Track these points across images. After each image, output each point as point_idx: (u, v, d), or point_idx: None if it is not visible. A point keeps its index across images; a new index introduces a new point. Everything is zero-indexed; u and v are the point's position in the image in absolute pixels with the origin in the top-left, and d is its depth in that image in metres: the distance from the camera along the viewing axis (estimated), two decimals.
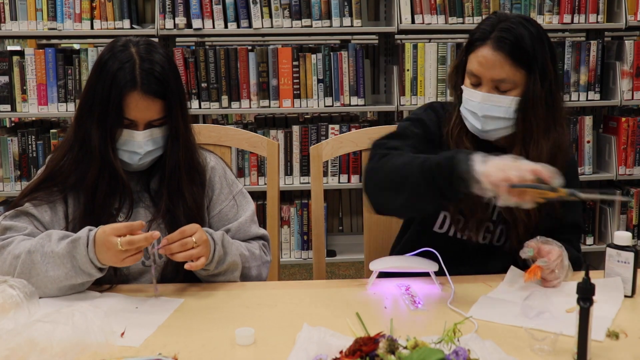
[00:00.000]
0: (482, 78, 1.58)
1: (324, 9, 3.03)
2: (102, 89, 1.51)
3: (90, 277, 1.46)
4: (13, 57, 3.02)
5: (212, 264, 1.53)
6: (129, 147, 1.54)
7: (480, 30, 1.61)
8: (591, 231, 3.32)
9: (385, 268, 1.60)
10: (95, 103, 1.53)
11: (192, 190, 1.63)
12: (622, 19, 3.13)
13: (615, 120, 3.28)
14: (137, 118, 1.52)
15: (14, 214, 1.57)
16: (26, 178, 3.07)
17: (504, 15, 1.62)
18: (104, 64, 1.53)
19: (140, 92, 1.50)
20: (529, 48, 1.56)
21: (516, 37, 1.55)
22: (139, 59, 1.52)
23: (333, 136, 2.95)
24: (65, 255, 1.44)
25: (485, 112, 1.59)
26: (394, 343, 1.11)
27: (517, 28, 1.56)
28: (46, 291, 1.46)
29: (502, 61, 1.56)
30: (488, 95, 1.58)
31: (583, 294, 1.17)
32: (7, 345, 1.12)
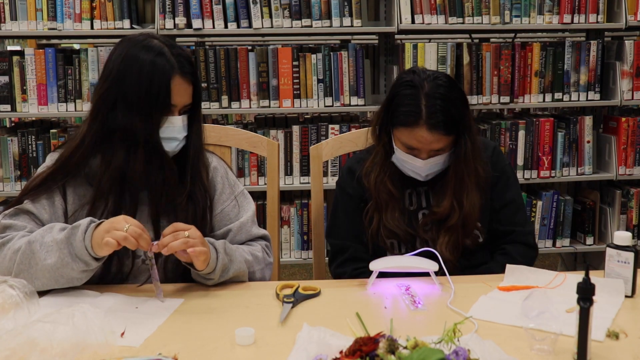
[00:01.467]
0: (420, 149, 1.71)
1: (324, 9, 3.02)
2: (140, 79, 1.51)
3: (86, 265, 1.44)
4: (13, 57, 3.02)
5: (216, 272, 1.52)
6: (170, 134, 1.56)
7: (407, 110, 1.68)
8: (591, 231, 3.32)
9: (385, 268, 1.60)
10: (133, 94, 1.52)
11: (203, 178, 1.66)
12: (622, 19, 3.13)
13: (615, 120, 3.28)
14: (179, 102, 1.56)
15: (13, 213, 1.58)
16: (26, 178, 3.07)
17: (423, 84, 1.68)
18: (134, 56, 1.53)
19: (181, 74, 1.54)
20: (457, 117, 1.70)
21: (445, 114, 1.67)
22: (167, 46, 1.56)
23: (333, 136, 2.95)
24: (63, 241, 1.44)
25: (428, 172, 1.75)
26: (394, 343, 1.11)
27: (444, 105, 1.67)
28: (44, 281, 1.46)
29: (438, 138, 1.68)
30: (429, 160, 1.72)
31: (583, 294, 1.17)
32: (7, 345, 1.12)
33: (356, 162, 1.89)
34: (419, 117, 1.66)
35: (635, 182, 3.39)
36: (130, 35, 1.62)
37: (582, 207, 3.32)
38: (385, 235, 1.78)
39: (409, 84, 1.70)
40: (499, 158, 1.86)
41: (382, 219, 1.78)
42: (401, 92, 1.71)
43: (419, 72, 1.73)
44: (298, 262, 3.26)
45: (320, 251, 2.06)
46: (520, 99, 3.16)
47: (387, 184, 1.78)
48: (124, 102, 1.52)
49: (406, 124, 1.68)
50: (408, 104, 1.68)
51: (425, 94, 1.67)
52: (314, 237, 2.05)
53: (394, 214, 1.78)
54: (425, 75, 1.71)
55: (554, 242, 3.29)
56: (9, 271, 1.47)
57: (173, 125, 1.56)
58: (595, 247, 3.33)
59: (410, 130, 1.68)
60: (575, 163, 3.23)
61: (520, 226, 1.84)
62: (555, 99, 3.17)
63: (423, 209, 1.82)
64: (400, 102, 1.70)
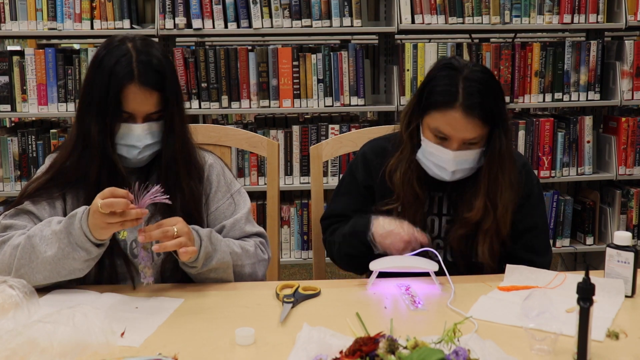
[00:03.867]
0: (452, 138, 1.61)
1: (324, 9, 3.02)
2: (100, 84, 1.52)
3: (87, 253, 1.43)
4: (13, 57, 3.02)
5: (199, 260, 1.51)
6: (128, 141, 1.54)
7: (444, 89, 1.61)
8: (591, 231, 3.32)
9: (385, 268, 1.60)
10: (93, 98, 1.53)
11: (190, 184, 1.63)
12: (622, 19, 3.13)
13: (615, 120, 3.28)
14: (135, 111, 1.52)
15: (13, 213, 1.58)
16: (26, 178, 3.07)
17: (462, 69, 1.62)
18: (101, 60, 1.54)
19: (138, 83, 1.50)
20: (494, 107, 1.61)
21: (483, 98, 1.59)
22: (136, 52, 1.53)
23: (333, 136, 2.95)
24: (62, 231, 1.43)
25: (456, 167, 1.64)
26: (394, 343, 1.11)
27: (483, 89, 1.60)
28: (46, 274, 1.45)
29: (473, 124, 1.59)
30: (459, 153, 1.62)
31: (583, 294, 1.17)
32: (7, 346, 1.12)
33: (373, 150, 1.81)
34: (455, 99, 1.57)
35: (635, 182, 3.39)
36: (113, 35, 1.61)
37: (582, 207, 3.32)
38: None
39: (448, 65, 1.63)
40: (529, 177, 1.76)
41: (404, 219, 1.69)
42: (438, 74, 1.63)
43: (459, 59, 1.66)
44: (298, 262, 3.26)
45: (320, 251, 2.06)
46: (520, 99, 3.16)
47: (413, 184, 1.70)
48: (87, 107, 1.54)
49: (441, 105, 1.59)
50: (445, 84, 1.60)
51: (464, 77, 1.59)
52: (314, 237, 2.05)
53: (416, 217, 1.70)
54: (464, 62, 1.65)
55: (554, 242, 3.29)
56: (9, 268, 1.46)
57: (131, 132, 1.54)
58: (595, 247, 3.33)
59: (444, 113, 1.58)
60: (575, 163, 3.23)
61: (542, 256, 1.75)
62: (555, 99, 3.17)
63: (434, 214, 1.77)
64: (436, 84, 1.62)
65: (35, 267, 1.44)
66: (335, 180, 3.15)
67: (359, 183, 1.82)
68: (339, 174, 3.16)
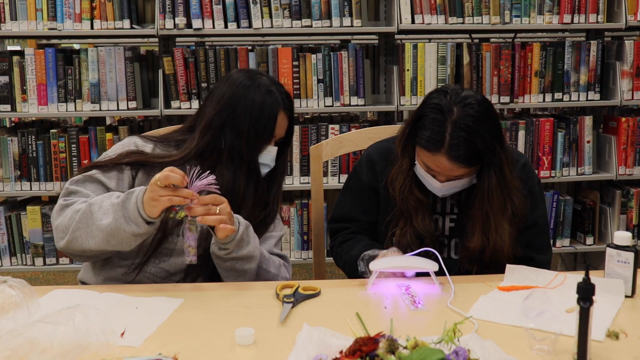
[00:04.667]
0: (439, 173, 1.67)
1: (324, 9, 3.02)
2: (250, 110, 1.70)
3: (137, 227, 1.50)
4: (13, 57, 3.02)
5: (233, 242, 1.57)
6: (265, 160, 1.75)
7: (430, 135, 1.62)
8: (591, 231, 3.32)
9: (385, 268, 1.60)
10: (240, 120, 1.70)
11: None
12: (622, 19, 3.13)
13: (615, 120, 3.28)
14: (278, 134, 1.76)
15: (81, 179, 1.65)
16: (26, 178, 3.07)
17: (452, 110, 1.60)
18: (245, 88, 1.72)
19: (284, 111, 1.76)
20: (481, 148, 1.62)
21: (468, 147, 1.59)
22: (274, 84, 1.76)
23: (333, 136, 2.95)
24: (118, 204, 1.51)
25: (446, 192, 1.72)
26: (394, 343, 1.11)
27: (470, 137, 1.59)
28: (97, 241, 1.53)
29: (459, 167, 1.63)
30: (447, 183, 1.68)
31: (583, 294, 1.17)
32: (7, 346, 1.12)
33: (378, 152, 1.84)
34: (441, 146, 1.59)
35: (635, 182, 3.39)
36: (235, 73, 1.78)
37: (582, 207, 3.32)
38: (411, 240, 1.74)
39: (437, 107, 1.62)
40: (529, 175, 1.79)
41: (410, 224, 1.74)
42: (428, 115, 1.64)
43: (452, 93, 1.63)
44: (298, 262, 3.26)
45: (320, 251, 2.06)
46: (520, 99, 3.16)
47: (414, 192, 1.73)
48: (233, 127, 1.70)
49: (427, 148, 1.62)
50: (432, 129, 1.61)
51: (452, 122, 1.59)
52: (314, 237, 2.05)
53: (425, 220, 1.74)
54: (457, 98, 1.61)
55: (554, 242, 3.29)
56: (67, 228, 1.55)
57: (270, 153, 1.75)
58: (595, 247, 3.33)
59: (431, 156, 1.63)
60: (575, 163, 3.23)
61: (542, 253, 1.78)
62: (555, 99, 3.17)
63: (437, 213, 1.79)
64: (424, 125, 1.63)
65: (90, 232, 1.53)
66: (336, 180, 3.16)
67: (364, 184, 1.84)
68: (339, 174, 3.17)
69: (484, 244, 1.70)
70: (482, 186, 1.67)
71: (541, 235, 1.80)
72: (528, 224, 1.77)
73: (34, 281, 3.82)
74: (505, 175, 1.67)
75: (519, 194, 1.71)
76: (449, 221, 1.79)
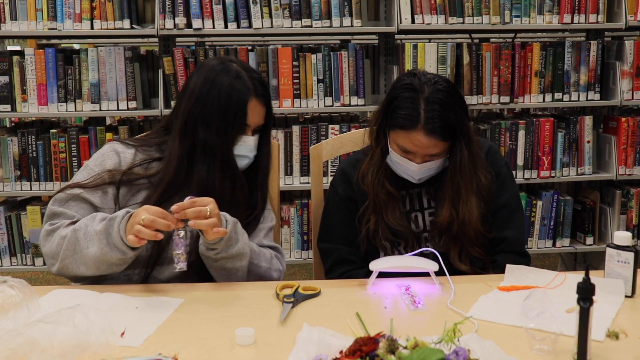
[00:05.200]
0: (416, 154, 1.70)
1: (324, 9, 3.02)
2: (218, 100, 1.63)
3: (123, 254, 1.50)
4: (13, 57, 3.02)
5: (222, 242, 1.55)
6: (242, 152, 1.68)
7: (406, 113, 1.67)
8: (591, 231, 3.32)
9: (385, 268, 1.60)
10: (210, 113, 1.63)
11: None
12: (622, 19, 3.13)
13: (615, 120, 3.28)
14: (253, 123, 1.68)
15: (64, 198, 1.63)
16: (26, 178, 3.07)
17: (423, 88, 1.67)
18: (213, 80, 1.65)
19: (256, 97, 1.66)
20: (455, 124, 1.69)
21: (443, 120, 1.66)
22: (244, 70, 1.68)
23: (333, 136, 2.95)
24: (102, 232, 1.50)
25: (422, 176, 1.75)
26: (394, 343, 1.11)
27: (443, 110, 1.66)
28: (88, 267, 1.53)
29: (435, 142, 1.67)
30: (423, 165, 1.71)
31: (583, 294, 1.17)
32: (7, 346, 1.12)
33: (349, 164, 1.88)
34: (417, 122, 1.65)
35: (635, 182, 3.39)
36: (207, 60, 1.72)
37: (582, 207, 3.32)
38: (383, 236, 1.78)
39: (409, 86, 1.69)
40: (495, 158, 1.84)
41: (381, 219, 1.77)
42: (401, 95, 1.69)
43: (420, 75, 1.71)
44: (298, 262, 3.26)
45: None
46: (520, 99, 3.16)
47: (385, 185, 1.77)
48: (205, 120, 1.64)
49: (404, 127, 1.67)
50: (407, 107, 1.67)
51: (424, 98, 1.66)
52: (314, 237, 2.05)
53: (395, 213, 1.77)
54: (425, 78, 1.70)
55: (554, 242, 3.29)
56: (57, 255, 1.55)
57: (246, 144, 1.68)
58: (595, 247, 3.33)
59: (407, 133, 1.67)
60: (575, 163, 3.23)
61: (516, 230, 1.81)
62: (555, 99, 3.17)
63: (416, 210, 1.81)
64: (399, 105, 1.69)
65: (78, 259, 1.53)
66: None
67: (341, 198, 1.86)
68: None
69: (452, 217, 1.73)
70: (455, 160, 1.72)
71: (514, 216, 1.82)
72: (499, 205, 1.80)
73: (34, 281, 3.82)
74: (474, 150, 1.74)
75: (484, 170, 1.77)
76: (428, 215, 1.81)
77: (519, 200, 1.87)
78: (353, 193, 1.84)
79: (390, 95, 1.73)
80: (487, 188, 1.77)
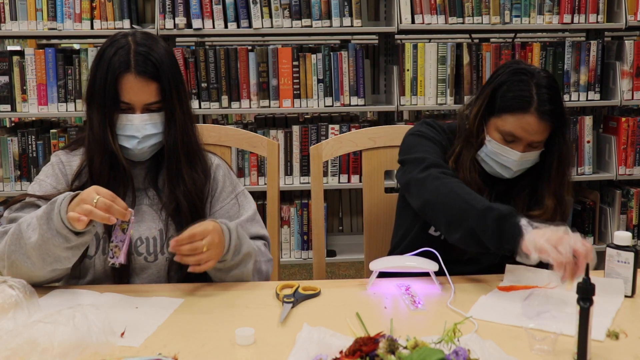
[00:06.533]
0: (522, 140, 1.67)
1: (324, 9, 3.03)
2: (100, 76, 1.55)
3: (66, 241, 1.40)
4: (13, 57, 3.02)
5: (229, 253, 1.52)
6: (127, 131, 1.56)
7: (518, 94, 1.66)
8: (591, 231, 3.32)
9: (385, 268, 1.60)
10: (95, 91, 1.56)
11: (193, 176, 1.65)
12: (622, 19, 3.13)
13: (615, 120, 3.28)
14: (132, 101, 1.55)
15: (19, 207, 1.58)
16: (26, 178, 3.07)
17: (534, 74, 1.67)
18: (102, 53, 1.58)
19: (134, 73, 1.54)
20: (564, 112, 1.70)
21: (553, 104, 1.66)
22: (135, 44, 1.57)
23: (333, 136, 2.95)
24: (42, 216, 1.41)
25: (520, 167, 1.71)
26: (394, 343, 1.11)
27: (553, 95, 1.66)
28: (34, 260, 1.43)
29: (545, 127, 1.66)
30: (525, 154, 1.68)
31: (583, 294, 1.17)
32: (7, 346, 1.12)
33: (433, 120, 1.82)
34: (530, 104, 1.64)
35: (635, 182, 3.39)
36: (116, 32, 1.65)
37: (582, 207, 3.32)
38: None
39: (521, 71, 1.69)
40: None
41: None
42: (511, 79, 1.69)
43: (525, 64, 1.73)
44: (298, 262, 3.26)
45: (320, 251, 2.06)
46: None
47: (474, 177, 1.72)
48: (90, 100, 1.58)
49: (516, 109, 1.65)
50: (519, 89, 1.66)
51: (535, 83, 1.66)
52: (314, 237, 2.05)
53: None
54: (533, 68, 1.71)
55: None
56: (3, 255, 1.45)
57: (129, 123, 1.56)
58: (595, 247, 3.29)
59: (519, 117, 1.65)
60: (575, 163, 3.23)
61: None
62: None
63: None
64: (510, 88, 1.68)
65: (24, 252, 1.43)
66: (336, 180, 3.16)
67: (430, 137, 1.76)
68: (339, 174, 3.17)
69: (554, 211, 1.71)
70: (560, 150, 1.71)
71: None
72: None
73: None
74: (570, 141, 1.75)
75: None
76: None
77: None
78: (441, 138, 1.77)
79: (497, 81, 1.71)
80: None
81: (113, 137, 1.56)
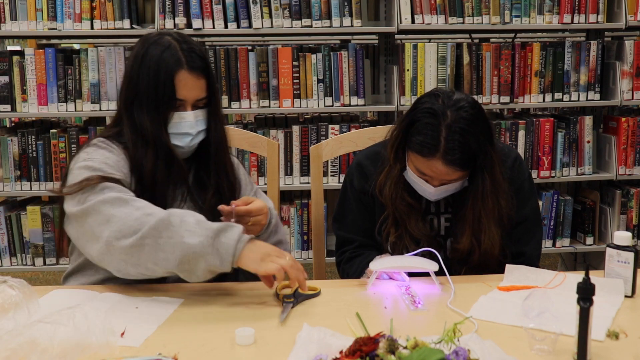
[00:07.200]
0: (433, 178, 1.65)
1: (324, 9, 3.02)
2: (147, 76, 1.55)
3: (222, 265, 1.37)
4: (13, 57, 3.02)
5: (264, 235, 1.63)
6: (181, 129, 1.58)
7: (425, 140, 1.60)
8: (591, 231, 3.32)
9: (385, 268, 1.60)
10: (140, 92, 1.56)
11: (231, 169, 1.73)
12: (622, 19, 3.13)
13: (615, 120, 3.28)
14: (187, 97, 1.57)
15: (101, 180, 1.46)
16: (26, 178, 3.07)
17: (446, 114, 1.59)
18: (144, 55, 1.57)
19: (187, 69, 1.56)
20: (477, 152, 1.62)
21: (464, 150, 1.59)
22: (177, 42, 1.59)
23: (333, 136, 2.95)
24: (212, 229, 1.38)
25: (439, 197, 1.71)
26: (394, 343, 1.11)
27: (464, 140, 1.58)
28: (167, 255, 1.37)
29: (453, 171, 1.62)
30: (440, 187, 1.67)
31: (583, 294, 1.17)
32: (7, 346, 1.12)
33: (367, 157, 1.84)
34: (436, 151, 1.58)
35: (635, 182, 3.39)
36: (146, 34, 1.65)
37: (582, 207, 3.32)
38: (405, 246, 1.73)
39: (431, 111, 1.61)
40: (520, 170, 1.79)
41: (405, 230, 1.73)
42: (421, 119, 1.62)
43: (444, 96, 1.62)
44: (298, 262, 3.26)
45: (320, 251, 2.06)
46: (520, 99, 3.16)
47: (405, 197, 1.72)
48: (137, 100, 1.57)
49: (422, 153, 1.61)
50: (426, 134, 1.59)
51: (446, 126, 1.58)
52: (314, 237, 2.05)
53: (418, 224, 1.73)
54: (449, 101, 1.61)
55: (554, 242, 3.29)
56: (135, 231, 1.37)
57: (184, 120, 1.58)
58: (595, 247, 3.33)
59: (426, 160, 1.61)
60: (575, 163, 3.23)
61: (532, 248, 1.78)
62: (555, 99, 3.17)
63: (432, 214, 1.79)
64: (419, 130, 1.62)
65: (162, 244, 1.36)
66: (335, 180, 3.16)
67: (357, 192, 1.83)
68: (339, 174, 3.17)
69: (473, 246, 1.70)
70: (476, 189, 1.67)
71: (532, 230, 1.80)
72: (518, 220, 1.76)
73: (34, 281, 3.82)
74: (497, 178, 1.68)
75: (506, 196, 1.71)
76: (444, 220, 1.79)
77: (539, 214, 1.84)
78: (368, 187, 1.80)
79: (410, 117, 1.66)
80: (508, 215, 1.72)
81: (168, 136, 1.58)
